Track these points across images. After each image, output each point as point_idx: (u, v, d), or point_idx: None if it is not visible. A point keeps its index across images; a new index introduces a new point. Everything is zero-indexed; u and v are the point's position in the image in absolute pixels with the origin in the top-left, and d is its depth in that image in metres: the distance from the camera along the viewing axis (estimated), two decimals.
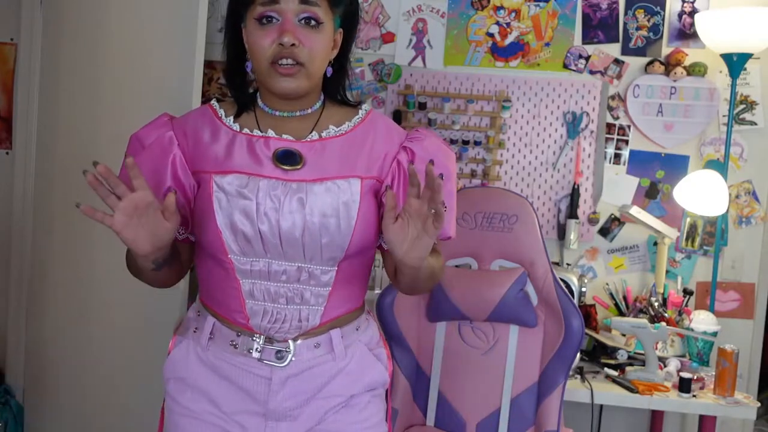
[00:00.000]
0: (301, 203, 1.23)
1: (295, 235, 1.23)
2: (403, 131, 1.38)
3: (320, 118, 1.34)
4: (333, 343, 1.32)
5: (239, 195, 1.23)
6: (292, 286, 1.27)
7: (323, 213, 1.24)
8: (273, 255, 1.25)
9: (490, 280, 2.06)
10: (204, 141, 1.30)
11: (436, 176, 1.10)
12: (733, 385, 2.23)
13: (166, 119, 1.35)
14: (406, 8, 2.81)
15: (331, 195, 1.25)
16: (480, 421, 2.07)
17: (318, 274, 1.28)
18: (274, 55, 1.24)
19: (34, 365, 2.63)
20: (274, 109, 1.33)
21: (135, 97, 2.30)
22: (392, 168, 1.33)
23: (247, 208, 1.23)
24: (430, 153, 1.34)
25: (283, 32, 1.23)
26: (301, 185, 1.24)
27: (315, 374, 1.31)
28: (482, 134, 2.78)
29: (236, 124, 1.31)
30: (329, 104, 1.37)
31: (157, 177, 1.28)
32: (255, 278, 1.27)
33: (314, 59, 1.26)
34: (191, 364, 1.33)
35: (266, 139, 1.29)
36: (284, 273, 1.26)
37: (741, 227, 2.76)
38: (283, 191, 1.24)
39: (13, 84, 2.65)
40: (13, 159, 2.67)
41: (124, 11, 2.37)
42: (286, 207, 1.23)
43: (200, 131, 1.31)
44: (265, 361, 1.28)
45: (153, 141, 1.31)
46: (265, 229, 1.23)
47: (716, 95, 2.71)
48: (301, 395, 1.31)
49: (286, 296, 1.28)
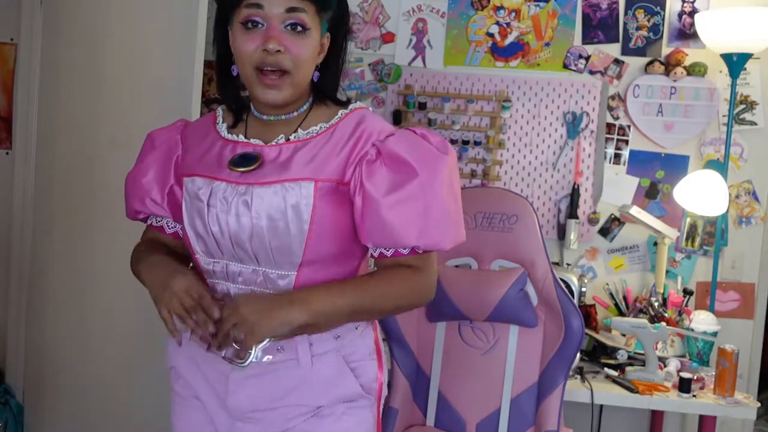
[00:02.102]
0: (246, 206, 1.23)
1: (242, 237, 1.24)
2: (388, 130, 1.29)
3: (304, 120, 1.31)
4: (298, 349, 1.27)
5: (196, 197, 1.28)
6: (249, 288, 1.28)
7: (270, 216, 1.22)
8: (228, 257, 1.28)
9: (490, 280, 2.06)
10: (192, 145, 1.36)
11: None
12: (733, 385, 2.23)
13: (181, 123, 1.43)
14: (406, 8, 2.81)
15: (278, 198, 1.22)
16: (480, 421, 2.07)
17: (274, 278, 1.26)
18: (258, 61, 1.23)
19: (34, 365, 2.63)
20: (262, 113, 1.32)
21: (135, 97, 2.31)
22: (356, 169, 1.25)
23: (201, 211, 1.27)
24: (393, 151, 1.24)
25: (268, 38, 1.21)
26: (248, 188, 1.24)
27: (277, 378, 1.28)
28: (482, 134, 2.78)
29: (229, 133, 1.33)
30: (317, 105, 1.33)
31: (163, 175, 1.37)
32: (217, 278, 1.31)
33: (299, 66, 1.24)
34: (179, 354, 1.38)
35: (234, 143, 1.31)
36: (240, 275, 1.28)
37: (741, 227, 2.76)
38: (231, 194, 1.25)
39: (13, 84, 2.65)
40: (13, 159, 2.67)
41: (124, 11, 2.37)
42: (233, 209, 1.24)
43: (196, 136, 1.37)
44: (226, 358, 1.24)
45: (162, 142, 1.39)
46: (216, 231, 1.26)
47: (716, 95, 2.71)
48: (262, 398, 1.28)
49: None
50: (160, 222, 1.41)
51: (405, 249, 1.25)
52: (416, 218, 1.22)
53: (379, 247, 1.27)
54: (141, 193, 1.38)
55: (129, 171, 1.42)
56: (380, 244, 1.26)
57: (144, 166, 1.39)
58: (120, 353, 2.37)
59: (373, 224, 1.23)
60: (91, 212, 2.40)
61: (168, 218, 1.39)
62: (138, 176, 1.39)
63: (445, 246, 1.26)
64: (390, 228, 1.22)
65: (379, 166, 1.23)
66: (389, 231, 1.23)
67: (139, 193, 1.38)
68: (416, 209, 1.22)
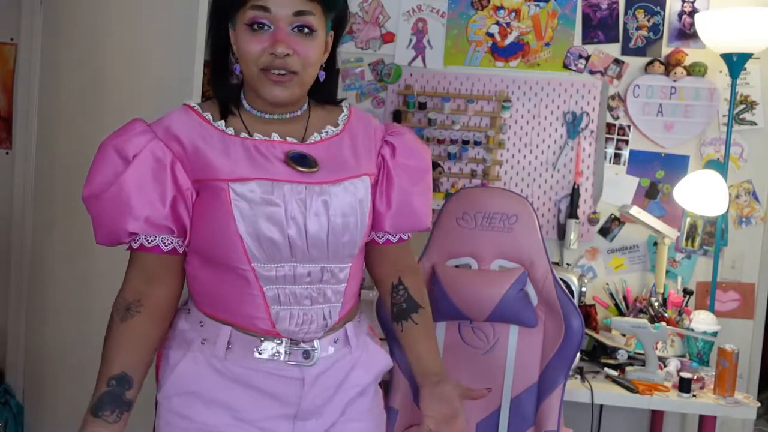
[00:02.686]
0: (325, 205, 1.25)
1: (321, 237, 1.25)
2: (380, 125, 1.43)
3: (309, 119, 1.33)
4: (348, 336, 1.35)
5: (265, 202, 1.20)
6: (315, 286, 1.29)
7: (344, 213, 1.27)
8: (299, 258, 1.25)
9: (490, 280, 2.06)
10: (201, 147, 1.24)
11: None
12: (733, 385, 2.23)
13: (144, 126, 1.26)
14: (406, 8, 2.81)
15: (349, 194, 1.28)
16: (480, 420, 2.07)
17: (337, 272, 1.31)
18: (265, 64, 1.22)
19: (34, 365, 2.63)
20: (262, 111, 1.30)
21: (135, 97, 2.30)
22: (378, 161, 1.38)
23: (275, 215, 1.21)
24: (410, 147, 1.41)
25: (277, 42, 1.20)
26: (324, 187, 1.25)
27: (337, 369, 1.34)
28: (482, 134, 2.78)
29: (230, 129, 1.27)
30: (314, 105, 1.36)
31: (158, 189, 1.22)
32: (279, 283, 1.25)
33: (307, 67, 1.25)
34: (205, 377, 1.27)
35: (270, 142, 1.26)
36: (309, 275, 1.27)
37: (741, 227, 2.76)
38: (308, 194, 1.23)
39: (13, 84, 2.65)
40: (13, 159, 2.67)
41: (124, 11, 2.37)
42: (312, 210, 1.23)
43: (194, 137, 1.25)
44: (293, 363, 1.28)
45: (141, 152, 1.22)
46: (293, 234, 1.22)
47: (716, 95, 2.71)
48: (327, 391, 1.33)
49: (310, 297, 1.28)
50: (153, 242, 1.24)
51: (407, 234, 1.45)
52: (429, 204, 1.44)
53: (400, 232, 1.43)
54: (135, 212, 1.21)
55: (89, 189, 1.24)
56: (403, 229, 1.43)
57: (126, 182, 1.21)
58: None
59: (402, 211, 1.39)
60: None
61: (165, 235, 1.24)
62: (121, 195, 1.21)
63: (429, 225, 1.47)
64: (416, 213, 1.41)
65: (403, 160, 1.39)
66: (417, 217, 1.42)
67: (133, 213, 1.21)
68: (429, 196, 1.45)
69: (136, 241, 1.25)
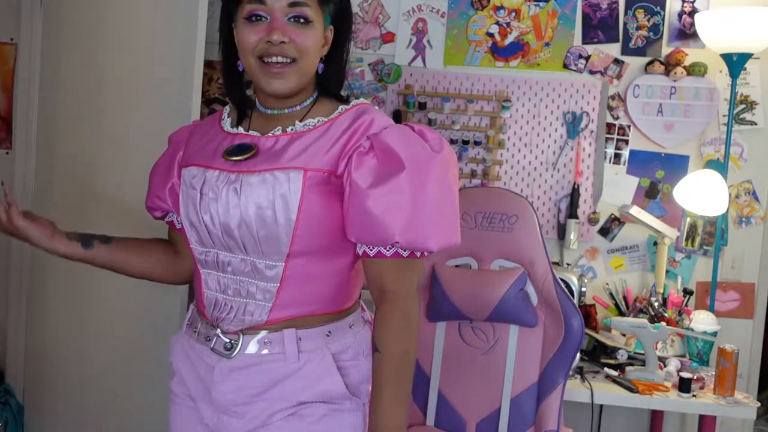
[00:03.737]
0: (236, 194, 1.23)
1: (231, 225, 1.24)
2: (385, 124, 1.27)
3: (306, 115, 1.31)
4: (285, 342, 1.25)
5: (190, 186, 1.30)
6: (238, 278, 1.28)
7: (258, 205, 1.21)
8: (218, 246, 1.28)
9: (490, 280, 2.06)
10: (195, 140, 1.39)
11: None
12: (733, 385, 2.23)
13: (193, 124, 1.49)
14: (406, 8, 2.81)
15: (267, 186, 1.21)
16: (480, 420, 2.07)
17: (262, 269, 1.25)
18: (261, 51, 1.24)
19: (34, 365, 2.63)
20: (267, 107, 1.33)
21: (135, 97, 2.30)
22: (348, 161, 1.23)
23: (195, 199, 1.29)
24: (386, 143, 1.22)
25: (272, 30, 1.23)
26: (239, 176, 1.24)
27: (262, 371, 1.26)
28: (482, 134, 2.78)
29: (234, 127, 1.35)
30: (322, 100, 1.34)
31: (167, 172, 1.41)
32: (210, 268, 1.32)
33: (304, 55, 1.25)
34: (178, 348, 1.40)
35: (234, 135, 1.32)
36: (230, 264, 1.28)
37: (741, 227, 2.76)
38: (222, 182, 1.26)
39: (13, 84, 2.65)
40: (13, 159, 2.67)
41: (124, 11, 2.36)
42: (223, 198, 1.24)
43: (201, 132, 1.40)
44: (215, 350, 1.30)
45: (174, 142, 1.45)
46: (207, 219, 1.27)
47: (716, 95, 2.71)
48: (244, 391, 1.27)
49: (232, 288, 1.29)
50: (171, 218, 1.46)
51: (388, 248, 1.20)
52: (400, 213, 1.18)
53: (363, 243, 1.23)
54: (151, 190, 1.45)
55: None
56: (364, 240, 1.22)
57: (156, 165, 1.46)
58: (119, 353, 2.37)
59: (357, 216, 1.20)
60: (91, 212, 2.40)
61: (176, 214, 1.43)
62: (151, 175, 1.46)
63: (431, 246, 1.20)
64: (373, 220, 1.18)
65: (370, 158, 1.21)
66: (372, 224, 1.19)
67: (151, 191, 1.45)
68: (401, 203, 1.18)
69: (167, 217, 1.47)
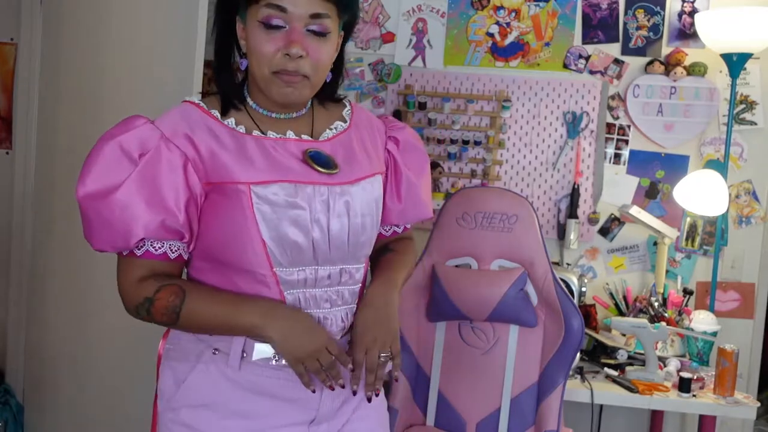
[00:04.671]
0: (347, 206, 1.25)
1: (343, 238, 1.24)
2: (379, 120, 1.45)
3: (314, 117, 1.33)
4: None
5: (289, 205, 1.17)
6: (334, 288, 1.27)
7: (363, 213, 1.27)
8: (320, 261, 1.23)
9: (490, 280, 2.06)
10: (215, 148, 1.19)
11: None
12: (733, 385, 2.23)
13: (150, 124, 1.19)
14: (406, 8, 2.81)
15: (367, 194, 1.29)
16: (480, 420, 2.07)
17: (354, 272, 1.30)
18: (278, 66, 1.19)
19: (34, 365, 2.63)
20: (269, 110, 1.27)
21: (135, 97, 2.30)
22: (385, 158, 1.40)
23: (300, 218, 1.18)
24: (411, 140, 1.45)
25: (291, 43, 1.17)
26: (344, 188, 1.25)
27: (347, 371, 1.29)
28: (482, 134, 2.78)
29: (241, 126, 1.23)
30: (316, 103, 1.35)
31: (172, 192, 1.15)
32: (300, 287, 1.23)
33: (319, 70, 1.23)
34: (218, 388, 1.22)
35: (285, 140, 1.23)
36: (329, 277, 1.26)
37: (741, 227, 2.76)
38: (331, 196, 1.23)
39: (13, 84, 2.65)
40: (13, 159, 2.67)
41: (124, 11, 2.37)
42: (336, 211, 1.23)
43: (205, 136, 1.20)
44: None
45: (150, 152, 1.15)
46: (317, 236, 1.21)
47: (716, 95, 2.71)
48: (342, 393, 1.30)
49: (330, 300, 1.27)
50: (160, 249, 1.18)
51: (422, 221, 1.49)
52: (430, 192, 1.49)
53: (406, 223, 1.47)
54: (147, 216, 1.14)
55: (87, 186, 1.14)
56: (409, 221, 1.46)
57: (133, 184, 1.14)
58: (120, 353, 2.37)
59: (411, 204, 1.42)
60: None
61: (174, 241, 1.19)
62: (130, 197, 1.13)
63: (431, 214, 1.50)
64: (423, 206, 1.45)
65: (407, 154, 1.42)
66: (422, 208, 1.44)
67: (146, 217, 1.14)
68: (430, 185, 1.50)
69: (140, 248, 1.17)
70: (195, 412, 1.23)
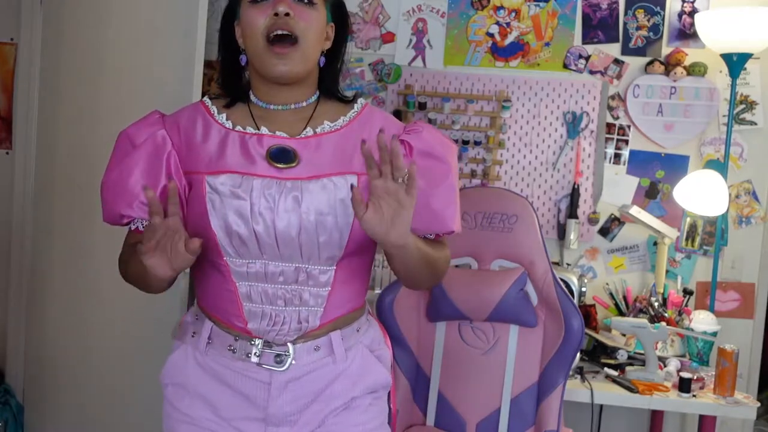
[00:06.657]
0: (296, 202, 1.21)
1: (291, 234, 1.21)
2: (400, 124, 1.36)
3: (314, 112, 1.32)
4: (333, 345, 1.29)
5: (233, 195, 1.21)
6: (290, 287, 1.25)
7: (319, 211, 1.21)
8: (269, 256, 1.23)
9: (490, 280, 2.06)
10: (196, 140, 1.27)
11: (389, 143, 1.09)
12: (733, 385, 2.23)
13: (158, 117, 1.31)
14: (406, 8, 2.81)
15: (327, 192, 1.23)
16: (480, 420, 2.07)
17: (316, 275, 1.26)
18: (268, 27, 1.23)
19: (34, 365, 2.63)
20: (268, 102, 1.31)
21: (135, 97, 2.30)
22: None
23: (241, 209, 1.21)
24: (429, 145, 1.31)
25: (278, 3, 1.22)
26: (296, 183, 1.22)
27: (315, 378, 1.29)
28: (482, 134, 2.78)
29: (229, 122, 1.29)
30: (323, 100, 1.35)
31: (152, 176, 1.25)
32: (252, 280, 1.25)
33: (308, 35, 1.25)
34: (190, 369, 1.31)
35: (259, 136, 1.26)
36: (281, 274, 1.24)
37: (741, 227, 2.76)
38: (278, 190, 1.22)
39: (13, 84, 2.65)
40: (13, 159, 2.67)
41: (124, 11, 2.37)
42: (281, 206, 1.21)
43: (192, 129, 1.29)
44: (264, 365, 1.26)
45: (145, 139, 1.27)
46: (260, 230, 1.20)
47: (716, 95, 2.71)
48: (301, 399, 1.28)
49: (284, 298, 1.25)
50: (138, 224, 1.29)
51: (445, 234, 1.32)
52: (453, 204, 1.31)
53: (423, 234, 1.31)
54: (128, 196, 1.25)
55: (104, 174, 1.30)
56: (419, 231, 1.30)
57: (126, 167, 1.26)
58: (120, 353, 2.37)
59: (425, 214, 1.27)
60: (91, 212, 2.40)
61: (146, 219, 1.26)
62: (121, 179, 1.26)
63: (458, 228, 1.34)
64: (438, 219, 1.29)
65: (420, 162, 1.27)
66: (439, 219, 1.29)
67: (126, 197, 1.25)
68: (452, 196, 1.31)
69: (134, 224, 1.29)
70: (174, 389, 1.33)
